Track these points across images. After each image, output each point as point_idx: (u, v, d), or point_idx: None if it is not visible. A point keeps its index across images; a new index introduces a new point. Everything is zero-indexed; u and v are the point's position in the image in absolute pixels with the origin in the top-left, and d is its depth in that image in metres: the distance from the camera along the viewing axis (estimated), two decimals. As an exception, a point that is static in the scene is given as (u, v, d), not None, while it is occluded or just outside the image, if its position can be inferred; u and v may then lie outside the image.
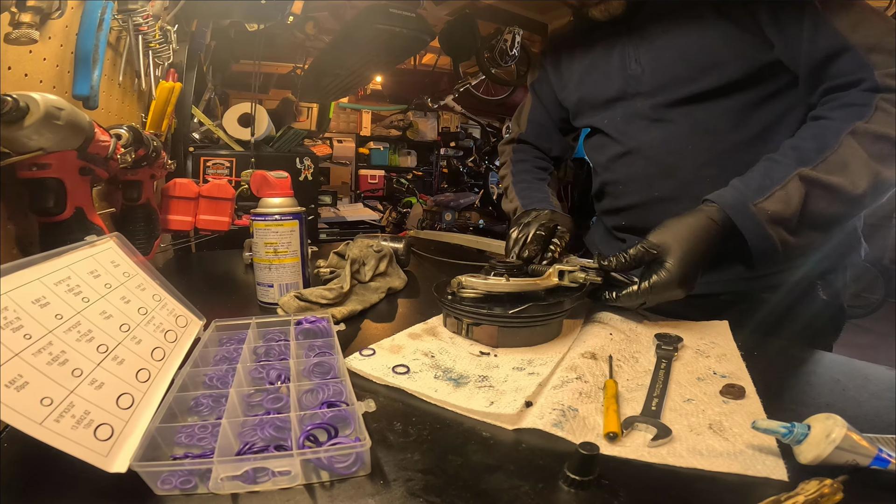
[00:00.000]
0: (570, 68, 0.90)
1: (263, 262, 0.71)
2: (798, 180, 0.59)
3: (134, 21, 0.86)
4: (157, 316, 0.50)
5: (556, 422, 0.41)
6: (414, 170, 5.74)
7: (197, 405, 0.42)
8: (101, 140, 0.64)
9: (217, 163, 1.69)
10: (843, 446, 0.34)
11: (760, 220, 0.60)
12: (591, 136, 0.92)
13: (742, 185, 0.62)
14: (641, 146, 0.80)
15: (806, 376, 0.54)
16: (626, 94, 0.81)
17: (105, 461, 0.31)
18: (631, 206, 0.85)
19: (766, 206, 0.59)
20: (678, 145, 0.77)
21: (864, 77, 0.61)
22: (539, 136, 1.02)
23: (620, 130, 0.83)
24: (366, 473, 0.35)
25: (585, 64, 0.87)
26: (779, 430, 0.36)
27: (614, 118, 0.83)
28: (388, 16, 1.57)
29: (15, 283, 0.35)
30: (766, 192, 0.60)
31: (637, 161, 0.81)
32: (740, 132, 0.73)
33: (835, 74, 0.64)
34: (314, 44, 2.65)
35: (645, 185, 0.81)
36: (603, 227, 0.98)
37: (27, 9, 0.57)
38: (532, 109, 1.02)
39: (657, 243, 0.61)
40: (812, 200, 0.60)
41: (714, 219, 0.61)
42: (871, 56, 0.61)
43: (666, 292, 0.60)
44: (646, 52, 0.77)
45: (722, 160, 0.74)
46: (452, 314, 0.60)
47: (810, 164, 0.60)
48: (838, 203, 0.60)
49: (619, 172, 0.85)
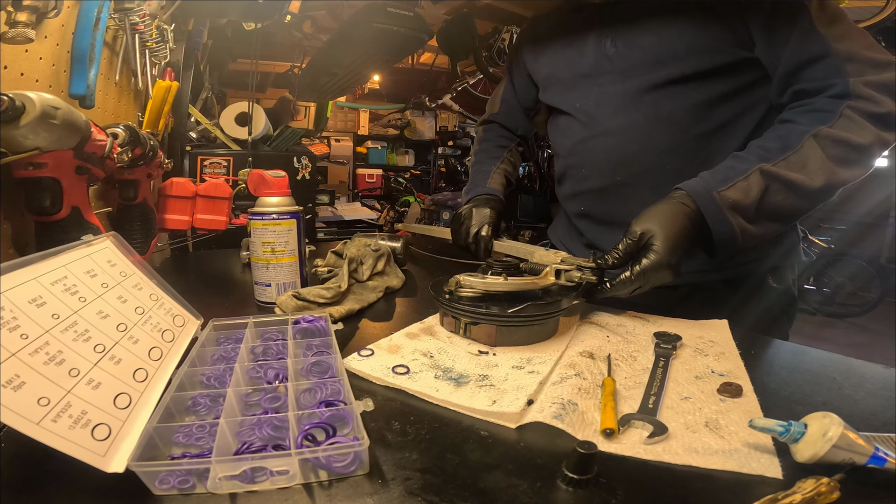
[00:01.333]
0: (546, 43, 0.92)
1: (261, 262, 0.70)
2: (759, 174, 0.64)
3: (130, 20, 0.86)
4: (155, 315, 0.49)
5: (557, 414, 0.41)
6: (412, 169, 5.73)
7: (195, 405, 0.42)
8: (98, 139, 0.64)
9: (214, 162, 1.68)
10: (840, 445, 0.34)
11: (722, 207, 0.64)
12: (557, 119, 0.94)
13: (708, 175, 0.66)
14: (608, 131, 0.82)
15: (803, 375, 0.54)
16: (596, 72, 0.83)
17: (102, 461, 0.31)
18: (590, 190, 0.87)
19: (727, 195, 0.64)
20: (643, 133, 0.79)
21: (835, 83, 0.66)
22: (507, 116, 1.09)
23: (590, 115, 0.84)
24: (364, 473, 0.35)
25: (562, 41, 0.89)
26: (775, 429, 0.37)
27: (586, 102, 0.85)
28: (385, 15, 1.56)
29: (11, 282, 0.35)
30: (729, 182, 0.64)
31: (602, 145, 0.83)
32: (702, 125, 0.76)
33: (808, 78, 0.68)
34: (312, 43, 2.64)
35: (607, 170, 0.83)
36: (564, 218, 1.01)
37: (23, 8, 0.56)
38: (504, 90, 1.08)
39: (641, 231, 0.63)
40: (771, 193, 0.65)
41: (685, 203, 0.64)
42: (847, 65, 0.65)
43: (657, 274, 0.61)
44: (623, 34, 0.79)
45: (682, 150, 0.78)
46: (450, 313, 0.60)
47: (772, 161, 0.65)
48: (794, 197, 0.65)
49: (583, 157, 0.87)
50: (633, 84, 0.79)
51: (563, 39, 0.88)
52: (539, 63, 0.94)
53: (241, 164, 1.69)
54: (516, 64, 1.03)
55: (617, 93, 0.80)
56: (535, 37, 0.96)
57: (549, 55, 0.91)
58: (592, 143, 0.84)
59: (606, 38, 0.81)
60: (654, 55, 0.76)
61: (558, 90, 0.91)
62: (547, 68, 0.92)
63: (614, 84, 0.81)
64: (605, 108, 0.82)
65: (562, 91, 0.90)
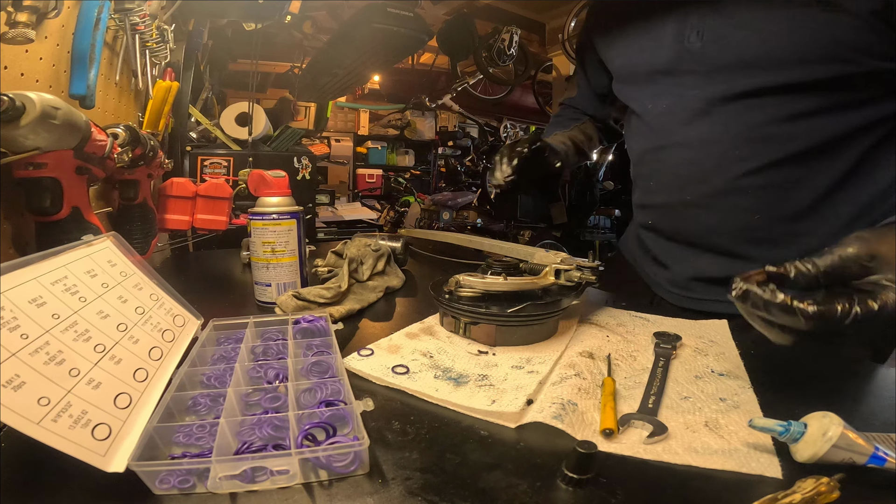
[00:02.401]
0: (621, 26, 0.78)
1: (261, 262, 0.70)
2: None
3: (131, 20, 0.86)
4: (155, 315, 0.49)
5: (556, 414, 0.41)
6: (412, 169, 5.74)
7: (195, 404, 0.42)
8: (98, 139, 0.64)
9: (214, 162, 1.68)
10: (840, 444, 0.34)
11: None
12: (630, 119, 0.83)
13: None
14: (680, 143, 0.70)
15: (803, 374, 0.54)
16: (675, 70, 0.69)
17: (103, 461, 0.31)
18: (658, 205, 0.77)
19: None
20: (723, 148, 0.65)
21: None
22: (581, 101, 0.99)
23: (660, 121, 0.72)
24: (364, 472, 0.35)
25: (638, 25, 0.74)
26: (775, 429, 0.37)
27: (658, 104, 0.72)
28: (385, 15, 1.57)
29: (11, 282, 0.35)
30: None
31: (672, 158, 0.71)
32: (799, 143, 0.62)
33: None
34: (312, 43, 2.65)
35: (675, 186, 0.71)
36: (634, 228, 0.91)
37: (23, 8, 0.57)
38: (576, 74, 0.99)
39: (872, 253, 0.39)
40: None
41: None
42: None
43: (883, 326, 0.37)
44: (712, 26, 0.64)
45: (769, 172, 0.63)
46: (450, 313, 0.60)
47: None
48: None
49: (651, 167, 0.77)
50: (718, 89, 0.65)
51: (639, 23, 0.74)
52: (612, 50, 0.80)
53: (242, 165, 1.69)
54: (586, 47, 0.89)
55: (697, 97, 0.67)
56: (606, 16, 0.81)
57: (623, 42, 0.77)
58: (662, 153, 0.73)
59: (691, 30, 0.66)
60: (753, 57, 0.61)
61: (630, 85, 0.79)
62: (619, 58, 0.79)
63: (695, 86, 0.67)
64: (680, 115, 0.69)
65: (633, 87, 0.78)
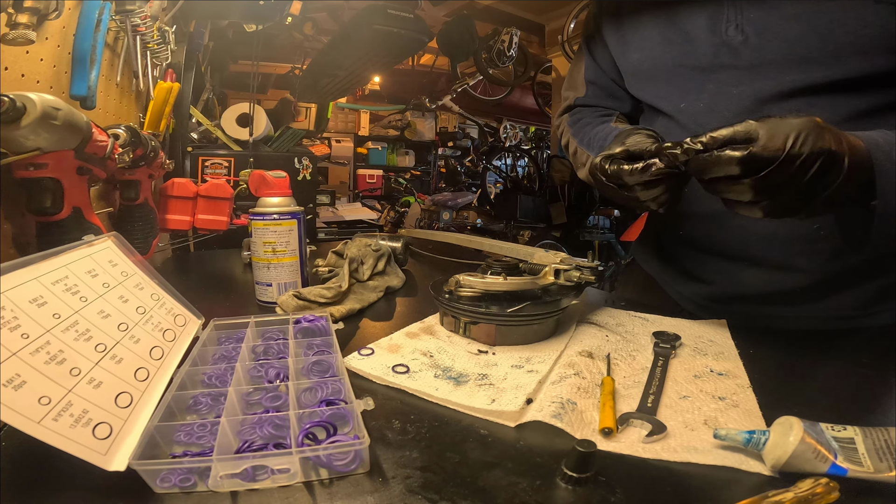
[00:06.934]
0: (636, 17, 0.70)
1: (262, 262, 0.71)
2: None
3: (132, 22, 0.86)
4: (156, 315, 0.50)
5: (556, 413, 0.41)
6: (412, 169, 5.75)
7: (196, 404, 0.42)
8: (99, 140, 0.64)
9: (215, 162, 1.69)
10: (798, 452, 0.33)
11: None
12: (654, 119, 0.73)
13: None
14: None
15: (802, 374, 0.54)
16: (712, 66, 0.63)
17: (104, 460, 0.31)
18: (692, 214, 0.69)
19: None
20: None
21: None
22: (599, 98, 0.83)
23: (700, 120, 0.64)
24: (365, 471, 0.35)
25: (659, 16, 0.67)
26: (737, 438, 0.36)
27: (695, 102, 0.65)
28: (386, 17, 1.57)
29: (12, 282, 0.35)
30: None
31: None
32: None
33: None
34: (312, 44, 2.66)
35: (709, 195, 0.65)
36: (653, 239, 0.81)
37: (24, 9, 0.57)
38: (586, 70, 0.84)
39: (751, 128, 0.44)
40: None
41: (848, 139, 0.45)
42: None
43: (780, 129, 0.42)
44: (755, 18, 0.59)
45: None
46: (450, 313, 0.61)
47: None
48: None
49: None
50: (766, 85, 0.59)
51: (660, 14, 0.67)
52: (626, 44, 0.72)
53: (242, 165, 1.69)
54: (595, 40, 0.80)
55: (742, 95, 0.61)
56: (619, 7, 0.73)
57: (641, 35, 0.70)
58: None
59: (728, 22, 0.61)
60: (804, 51, 0.56)
61: (654, 82, 0.71)
62: (637, 53, 0.71)
63: (737, 83, 0.61)
64: (723, 114, 0.62)
65: (659, 84, 0.70)
